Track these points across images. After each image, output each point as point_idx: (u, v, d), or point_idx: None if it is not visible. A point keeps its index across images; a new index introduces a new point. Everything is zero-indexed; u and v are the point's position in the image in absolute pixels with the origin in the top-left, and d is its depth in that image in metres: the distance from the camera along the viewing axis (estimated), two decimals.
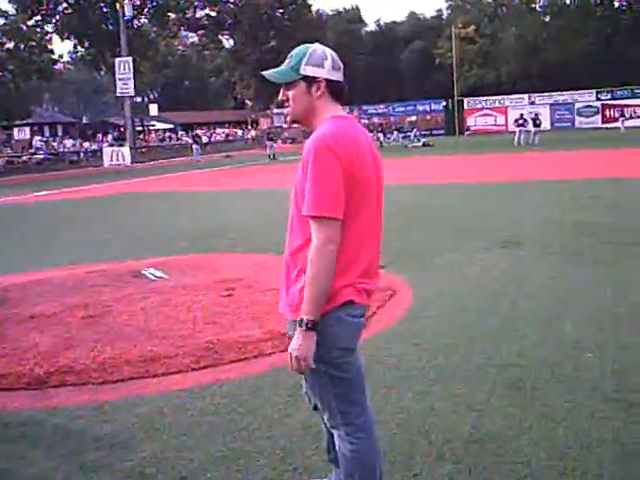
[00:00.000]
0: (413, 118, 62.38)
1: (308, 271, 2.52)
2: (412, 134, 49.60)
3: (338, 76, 2.72)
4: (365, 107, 71.38)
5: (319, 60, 2.68)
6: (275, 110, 71.20)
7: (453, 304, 6.52)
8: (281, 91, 2.76)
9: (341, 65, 2.76)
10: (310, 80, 2.68)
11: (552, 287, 6.95)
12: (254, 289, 6.98)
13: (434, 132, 58.27)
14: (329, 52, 2.73)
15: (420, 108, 64.28)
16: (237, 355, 5.30)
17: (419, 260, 8.62)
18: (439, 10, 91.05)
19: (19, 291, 7.59)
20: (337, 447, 2.85)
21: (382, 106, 70.09)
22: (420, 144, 43.66)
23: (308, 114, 2.73)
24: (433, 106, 63.22)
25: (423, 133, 53.41)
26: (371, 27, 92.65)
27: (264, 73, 2.77)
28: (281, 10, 75.96)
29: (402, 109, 65.85)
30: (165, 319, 6.12)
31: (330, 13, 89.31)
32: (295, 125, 2.90)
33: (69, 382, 4.92)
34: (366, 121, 60.74)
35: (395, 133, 53.07)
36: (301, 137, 59.84)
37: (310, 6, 79.43)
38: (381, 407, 4.17)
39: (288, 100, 2.74)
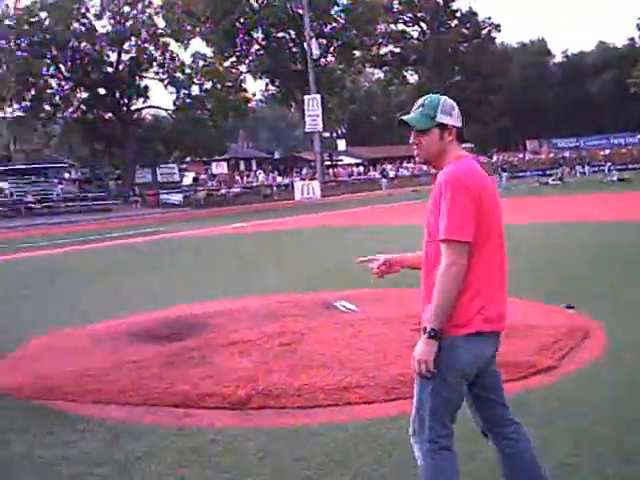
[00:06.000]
0: (607, 152, 59.70)
1: (436, 286, 2.88)
2: (606, 168, 47.57)
3: (460, 122, 3.10)
4: (555, 140, 69.49)
5: (449, 109, 3.07)
6: (463, 145, 70.74)
7: None
8: (412, 135, 3.07)
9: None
10: (443, 127, 3.04)
11: None
12: None
13: (630, 167, 54.60)
14: (452, 102, 3.10)
15: (614, 141, 61.51)
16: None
17: (611, 301, 8.26)
18: (631, 38, 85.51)
19: (219, 318, 8.14)
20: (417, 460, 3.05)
21: (573, 139, 68.00)
22: (615, 179, 41.60)
23: (438, 156, 3.08)
24: (629, 139, 60.16)
25: (618, 167, 50.30)
26: (558, 58, 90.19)
27: (404, 118, 3.07)
28: (465, 44, 75.81)
29: (594, 142, 63.45)
30: (356, 350, 6.36)
31: (515, 46, 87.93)
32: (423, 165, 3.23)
33: (268, 405, 5.25)
34: (555, 155, 58.87)
35: (586, 167, 51.32)
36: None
37: (494, 39, 78.72)
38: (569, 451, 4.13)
39: (419, 144, 3.07)
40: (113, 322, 8.48)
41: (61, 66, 44.81)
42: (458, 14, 76.73)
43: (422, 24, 76.27)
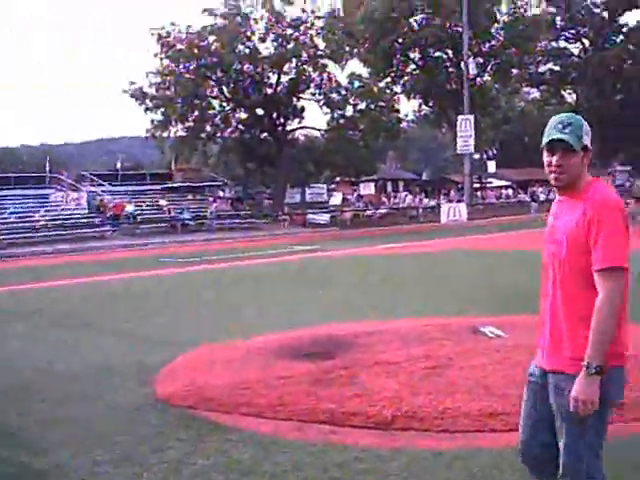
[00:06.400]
0: None
1: (600, 320, 2.78)
2: None
3: None
4: None
5: (589, 132, 2.96)
6: (619, 167, 67.88)
7: None
8: (558, 156, 2.93)
9: None
10: (585, 150, 2.95)
11: None
12: None
13: None
14: None
15: None
16: None
17: None
18: None
19: (367, 338, 8.27)
20: None
21: None
22: None
23: (577, 179, 2.97)
24: None
25: None
26: None
27: (563, 137, 2.91)
28: (630, 61, 72.68)
29: None
30: (502, 377, 6.29)
31: None
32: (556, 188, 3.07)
33: (412, 427, 5.31)
34: None
35: None
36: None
37: None
38: None
39: (563, 165, 2.93)
40: (264, 337, 8.80)
41: (224, 88, 46.76)
42: (625, 29, 73.68)
43: (584, 40, 73.79)
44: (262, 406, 5.91)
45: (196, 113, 45.32)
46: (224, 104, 47.63)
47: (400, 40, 52.33)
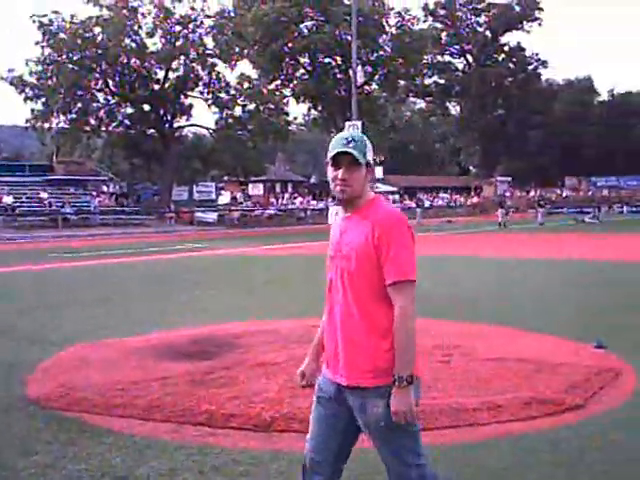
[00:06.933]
0: None
1: (401, 332, 2.86)
2: None
3: None
4: (594, 179, 69.08)
5: (371, 150, 3.05)
6: (499, 178, 70.46)
7: None
8: (343, 170, 2.96)
9: None
10: (368, 166, 3.01)
11: None
12: (471, 357, 7.05)
13: None
14: None
15: None
16: (449, 421, 5.38)
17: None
18: None
19: (248, 338, 8.19)
20: None
21: (612, 178, 67.78)
22: None
23: (361, 194, 3.02)
24: None
25: None
26: (604, 97, 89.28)
27: (350, 150, 2.94)
28: (510, 79, 75.88)
29: (634, 182, 63.09)
30: None
31: (561, 83, 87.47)
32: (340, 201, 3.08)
33: (292, 428, 5.25)
34: (593, 193, 58.48)
35: (624, 207, 51.25)
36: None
37: (540, 75, 78.68)
38: None
39: (348, 180, 2.95)
40: (143, 337, 8.57)
41: (109, 81, 45.66)
42: (506, 48, 76.86)
43: (468, 56, 76.48)
44: (138, 407, 5.73)
45: (79, 105, 44.04)
46: (109, 97, 46.50)
47: (290, 45, 52.63)
